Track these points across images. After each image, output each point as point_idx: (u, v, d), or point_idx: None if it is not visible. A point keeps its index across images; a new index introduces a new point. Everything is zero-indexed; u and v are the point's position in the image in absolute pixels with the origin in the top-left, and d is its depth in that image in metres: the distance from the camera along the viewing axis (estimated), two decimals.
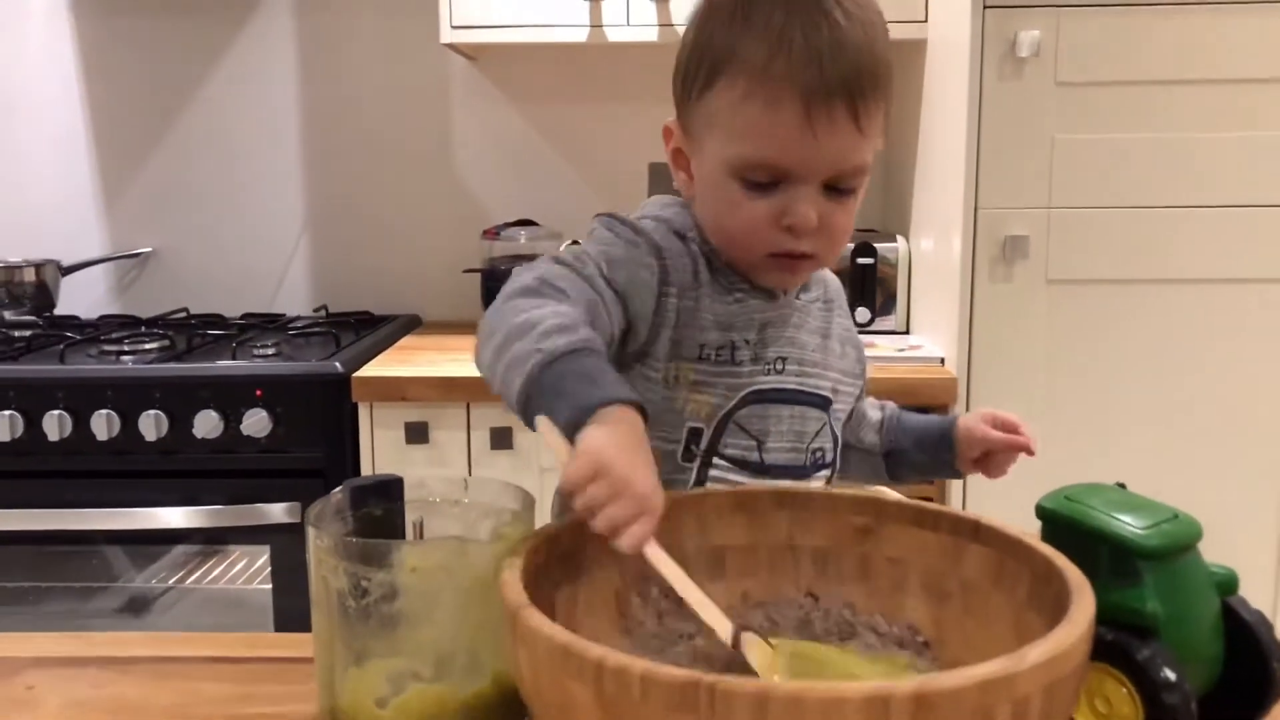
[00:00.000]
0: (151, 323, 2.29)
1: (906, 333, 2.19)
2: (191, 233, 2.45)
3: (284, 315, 2.41)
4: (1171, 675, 0.66)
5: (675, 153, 0.94)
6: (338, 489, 0.74)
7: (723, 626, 0.66)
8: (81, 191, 2.43)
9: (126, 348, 2.09)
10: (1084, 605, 0.60)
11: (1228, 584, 0.73)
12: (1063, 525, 0.72)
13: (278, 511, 1.91)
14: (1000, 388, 1.88)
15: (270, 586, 1.98)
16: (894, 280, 2.20)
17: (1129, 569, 0.69)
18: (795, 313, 0.95)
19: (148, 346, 2.10)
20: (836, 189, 0.87)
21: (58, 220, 2.42)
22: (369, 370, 1.93)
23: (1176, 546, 0.70)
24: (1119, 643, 0.67)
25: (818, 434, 0.96)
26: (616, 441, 0.67)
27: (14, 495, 1.93)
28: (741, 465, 0.92)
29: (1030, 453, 1.03)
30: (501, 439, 1.89)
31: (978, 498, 1.87)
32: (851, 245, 2.18)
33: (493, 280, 2.26)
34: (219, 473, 1.92)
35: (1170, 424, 1.88)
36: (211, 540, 2.03)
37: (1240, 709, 0.73)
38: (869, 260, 2.18)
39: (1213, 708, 0.73)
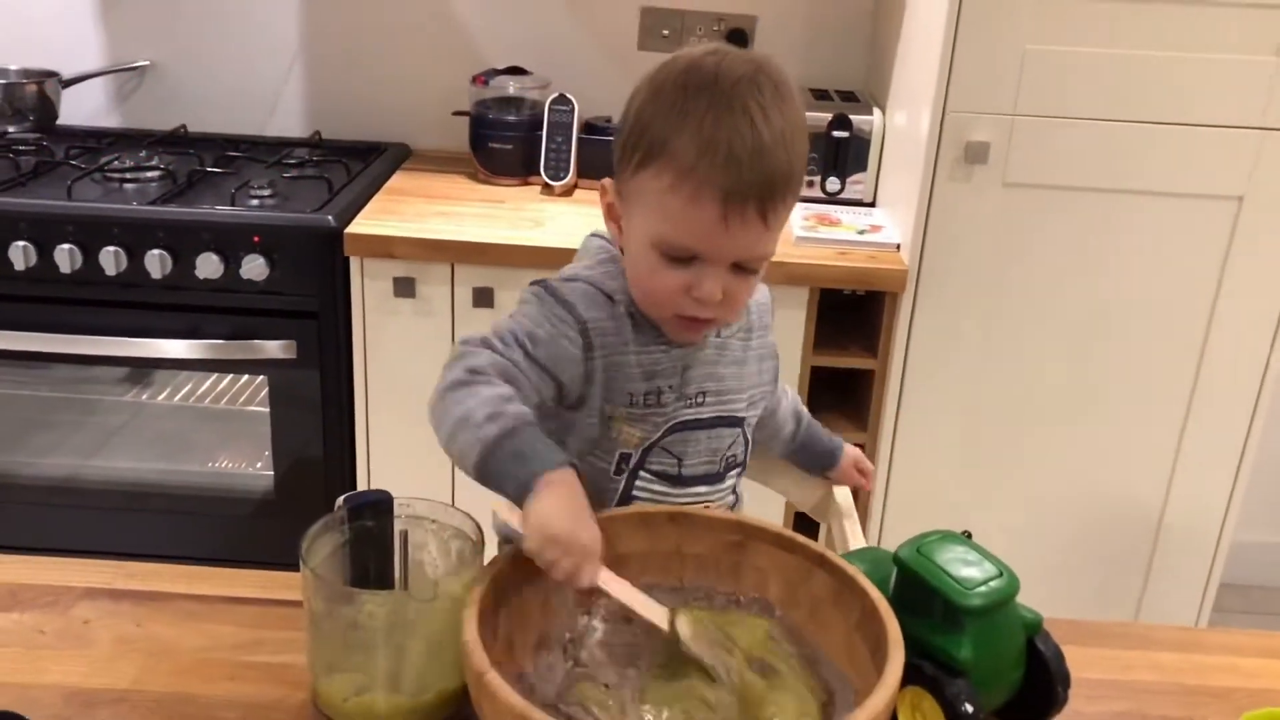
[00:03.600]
0: (151, 144, 2.38)
1: (873, 205, 2.31)
2: (189, 48, 2.49)
3: (278, 140, 2.49)
4: (969, 708, 0.86)
5: (609, 207, 1.07)
6: (339, 502, 0.92)
7: (660, 617, 0.88)
8: (79, 2, 2.45)
9: (129, 176, 2.20)
10: (894, 666, 0.80)
11: (1034, 625, 0.93)
12: (911, 574, 0.91)
13: (275, 348, 2.09)
14: (949, 283, 2.02)
15: (268, 409, 2.18)
16: (867, 149, 2.29)
17: (953, 620, 0.88)
18: (714, 350, 1.10)
19: (149, 176, 2.22)
20: (741, 268, 1.01)
21: (56, 31, 2.46)
22: (360, 225, 2.05)
23: (994, 604, 0.88)
24: (936, 678, 0.87)
25: (731, 445, 1.13)
26: (557, 507, 0.86)
27: (27, 319, 2.09)
28: (663, 477, 1.10)
29: (867, 490, 1.38)
30: (483, 298, 2.04)
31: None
32: (829, 117, 2.26)
33: (481, 126, 2.34)
34: (220, 309, 2.08)
35: (1111, 330, 2.04)
36: (213, 369, 2.22)
37: (1032, 717, 0.94)
38: (844, 134, 2.27)
39: (1012, 715, 0.94)
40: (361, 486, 2.20)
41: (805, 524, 1.42)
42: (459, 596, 0.84)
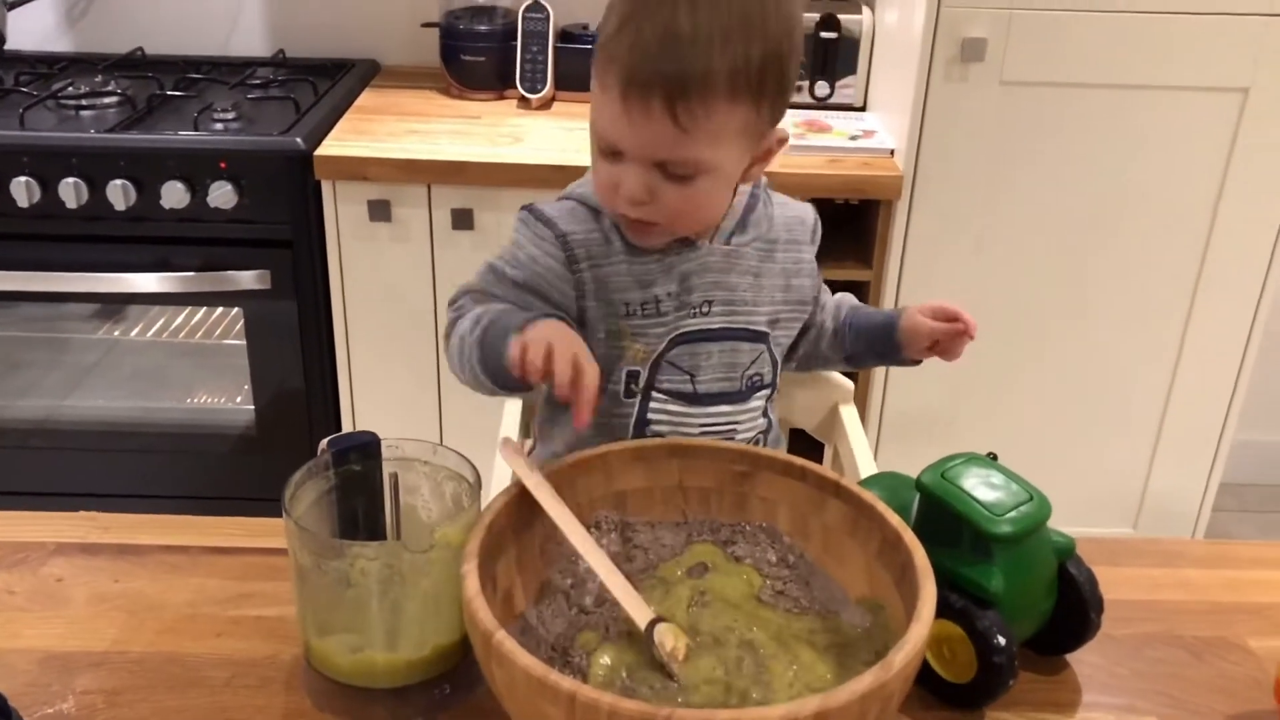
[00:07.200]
0: (107, 68, 2.26)
1: (863, 109, 2.22)
2: None
3: (240, 60, 2.37)
4: (1002, 641, 0.81)
5: None
6: (322, 445, 0.85)
7: (641, 615, 0.79)
8: None
9: (85, 103, 2.09)
10: (927, 598, 0.74)
11: (1065, 550, 0.88)
12: (936, 500, 0.85)
13: (248, 278, 2.01)
14: (945, 188, 1.95)
15: (244, 342, 2.11)
16: (857, 50, 2.20)
17: (982, 548, 0.83)
18: (721, 258, 1.03)
19: (107, 102, 2.11)
20: (670, 172, 0.92)
21: None
22: (330, 147, 1.96)
23: (1025, 530, 0.83)
24: (965, 610, 0.82)
25: (753, 362, 1.06)
26: (551, 329, 0.88)
27: None
28: (677, 396, 1.03)
29: (971, 336, 1.06)
30: (463, 219, 1.96)
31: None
32: (816, 16, 2.17)
33: (452, 38, 2.23)
34: (190, 240, 1.99)
35: (1114, 229, 1.98)
36: (184, 303, 2.14)
37: (1064, 645, 0.90)
38: (832, 35, 2.17)
39: (1043, 643, 0.90)
40: (345, 417, 2.14)
41: (808, 445, 1.36)
42: (456, 544, 0.78)
